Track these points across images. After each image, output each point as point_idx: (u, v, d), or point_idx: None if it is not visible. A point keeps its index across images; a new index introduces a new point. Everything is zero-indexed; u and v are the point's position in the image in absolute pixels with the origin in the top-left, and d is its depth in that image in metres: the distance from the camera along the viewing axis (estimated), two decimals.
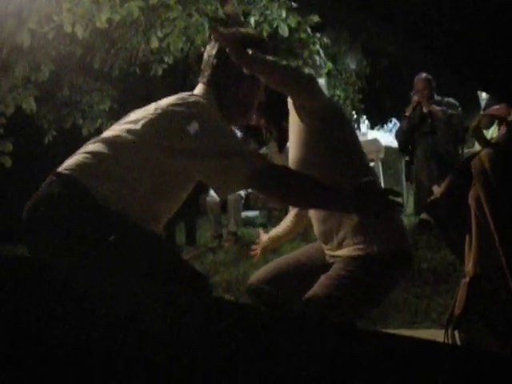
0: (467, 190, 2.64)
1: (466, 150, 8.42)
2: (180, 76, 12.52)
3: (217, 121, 3.07)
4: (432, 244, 7.24)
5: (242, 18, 8.81)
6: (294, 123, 3.45)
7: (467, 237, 2.63)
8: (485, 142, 2.70)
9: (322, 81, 12.95)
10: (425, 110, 8.29)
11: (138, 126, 2.99)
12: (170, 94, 3.21)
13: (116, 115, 10.02)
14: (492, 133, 6.75)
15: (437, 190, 7.64)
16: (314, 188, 3.03)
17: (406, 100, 8.86)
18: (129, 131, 2.99)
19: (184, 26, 8.60)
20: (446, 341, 2.64)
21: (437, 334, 2.82)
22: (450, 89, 8.30)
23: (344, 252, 3.36)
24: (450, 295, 5.85)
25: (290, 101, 3.45)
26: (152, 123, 2.99)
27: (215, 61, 3.26)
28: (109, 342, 1.48)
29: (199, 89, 3.28)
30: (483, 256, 2.55)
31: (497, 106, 2.94)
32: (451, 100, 8.32)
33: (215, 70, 3.26)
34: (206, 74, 3.28)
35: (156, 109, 3.06)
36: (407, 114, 8.50)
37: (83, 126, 9.90)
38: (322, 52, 11.91)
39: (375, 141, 9.64)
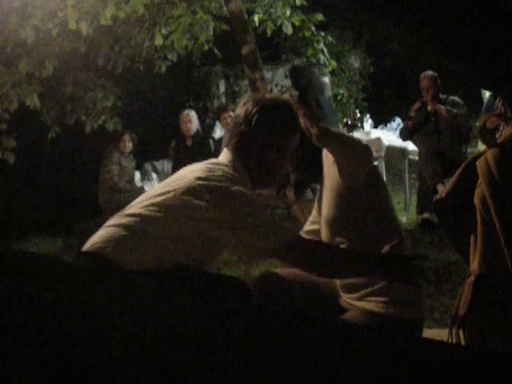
0: (473, 189, 2.64)
1: (469, 150, 8.42)
2: (184, 73, 12.54)
3: (244, 193, 3.06)
4: (434, 243, 7.23)
5: (246, 16, 8.80)
6: (332, 181, 3.45)
7: (472, 236, 2.63)
8: (490, 142, 2.70)
9: (326, 79, 12.95)
10: (429, 108, 8.29)
11: (167, 201, 3.01)
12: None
13: (119, 112, 10.05)
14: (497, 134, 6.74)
15: (441, 188, 7.67)
16: (342, 260, 3.08)
17: (410, 99, 8.87)
18: (156, 205, 3.02)
19: (188, 24, 8.61)
20: (450, 340, 2.64)
21: (440, 334, 2.83)
22: (455, 87, 8.31)
23: (365, 305, 3.38)
24: (452, 294, 5.85)
25: (328, 159, 3.47)
26: (179, 197, 3.00)
27: (243, 128, 3.23)
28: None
29: (225, 155, 3.27)
30: (488, 256, 2.55)
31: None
32: (456, 98, 8.30)
33: (243, 137, 3.23)
34: (233, 140, 3.26)
35: (183, 181, 3.05)
36: (412, 114, 8.50)
37: (86, 122, 9.89)
38: (325, 50, 11.90)
39: (378, 140, 9.60)
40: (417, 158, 8.83)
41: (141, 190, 10.53)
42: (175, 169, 9.97)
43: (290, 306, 3.37)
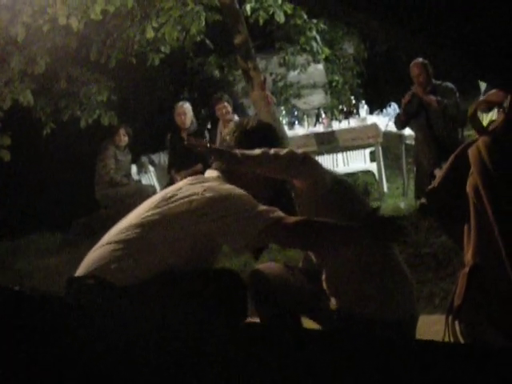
0: (465, 178, 2.61)
1: (466, 133, 8.38)
2: (177, 65, 12.50)
3: (231, 186, 3.23)
4: (433, 228, 7.20)
5: (238, 6, 8.77)
6: (300, 199, 3.48)
7: (466, 226, 2.61)
8: (482, 130, 2.67)
9: (320, 67, 12.92)
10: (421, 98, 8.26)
11: (158, 209, 3.17)
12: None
13: (114, 106, 10.01)
14: (491, 116, 6.70)
15: (438, 173, 7.65)
16: (330, 229, 3.17)
17: (406, 83, 8.82)
18: (149, 214, 3.17)
19: (179, 15, 8.56)
20: (446, 331, 2.62)
21: (440, 320, 2.80)
22: (449, 72, 8.25)
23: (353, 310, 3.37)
24: (452, 280, 5.82)
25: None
26: (172, 200, 3.16)
27: (236, 136, 3.47)
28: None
29: (210, 173, 3.44)
30: (482, 246, 2.53)
31: (493, 91, 2.90)
32: (449, 85, 8.27)
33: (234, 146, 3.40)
34: (218, 162, 3.43)
35: (175, 188, 3.27)
36: (403, 107, 8.49)
37: (81, 117, 9.86)
38: (318, 38, 11.91)
39: (374, 126, 9.58)
40: (414, 142, 8.82)
41: (138, 183, 10.54)
42: (171, 161, 9.99)
43: (283, 301, 3.34)
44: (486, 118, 7.17)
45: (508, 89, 2.42)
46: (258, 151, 3.16)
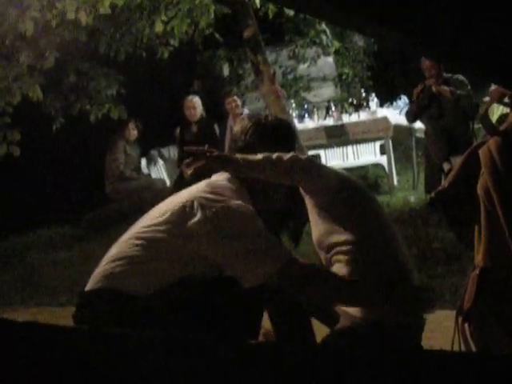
0: (475, 179, 2.59)
1: (476, 126, 8.35)
2: (187, 58, 12.47)
3: (241, 207, 3.03)
4: (443, 222, 7.17)
5: None
6: (309, 204, 3.40)
7: (476, 228, 2.59)
8: (493, 130, 2.64)
9: (330, 59, 12.88)
10: (433, 90, 8.22)
11: (163, 218, 3.01)
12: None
13: (123, 100, 10.00)
14: (502, 109, 6.67)
15: (447, 166, 7.64)
16: (338, 286, 3.08)
17: (416, 76, 8.79)
18: (154, 227, 3.02)
19: (188, 9, 8.53)
20: (455, 333, 2.60)
21: (449, 316, 2.78)
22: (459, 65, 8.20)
23: (357, 312, 3.29)
24: (462, 275, 5.80)
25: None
26: (175, 214, 3.00)
27: (240, 145, 3.30)
28: None
29: (222, 174, 3.24)
30: (493, 248, 2.51)
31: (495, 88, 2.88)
32: (461, 77, 8.23)
33: (246, 146, 3.27)
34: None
35: (181, 199, 3.06)
36: (415, 97, 8.45)
37: (91, 111, 9.86)
38: (328, 31, 11.86)
39: (384, 119, 9.56)
40: (424, 136, 8.79)
41: (147, 177, 10.55)
42: (181, 155, 9.99)
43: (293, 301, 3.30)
44: (497, 111, 7.15)
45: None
46: (259, 156, 3.05)
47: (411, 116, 8.70)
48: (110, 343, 1.57)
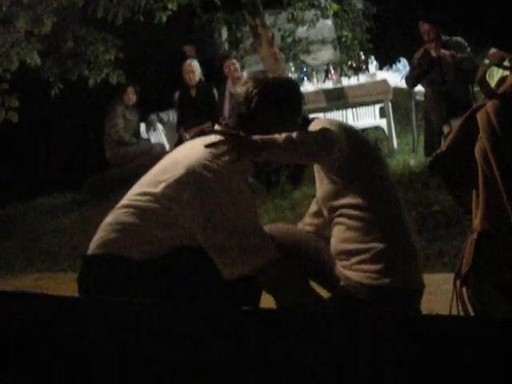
0: (473, 142, 2.59)
1: (476, 89, 8.31)
2: (185, 22, 12.40)
3: (234, 191, 3.00)
4: (443, 186, 7.17)
5: None
6: (317, 165, 3.36)
7: (474, 192, 2.59)
8: (491, 93, 2.64)
9: (329, 22, 12.80)
10: (433, 54, 8.17)
11: (159, 189, 2.98)
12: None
13: (122, 65, 9.96)
14: (503, 72, 6.65)
15: (447, 129, 7.62)
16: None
17: (415, 39, 8.74)
18: (150, 196, 3.00)
19: None
20: (453, 297, 2.61)
21: (449, 279, 2.79)
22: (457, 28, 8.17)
23: (357, 276, 3.28)
24: (462, 238, 5.81)
25: None
26: (171, 187, 2.97)
27: (243, 109, 3.17)
28: None
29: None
30: (491, 212, 2.51)
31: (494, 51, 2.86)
32: (459, 39, 8.18)
33: (242, 118, 3.17)
34: (232, 121, 3.21)
35: (177, 170, 3.01)
36: (415, 62, 8.41)
37: (89, 76, 9.81)
38: None
39: (384, 81, 9.52)
40: (423, 98, 8.76)
41: (147, 142, 10.55)
42: (180, 119, 9.99)
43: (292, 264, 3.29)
44: (497, 74, 7.12)
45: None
46: (280, 137, 2.95)
47: (411, 81, 8.67)
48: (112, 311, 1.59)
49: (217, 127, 3.21)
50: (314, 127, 3.26)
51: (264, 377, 1.46)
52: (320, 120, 3.43)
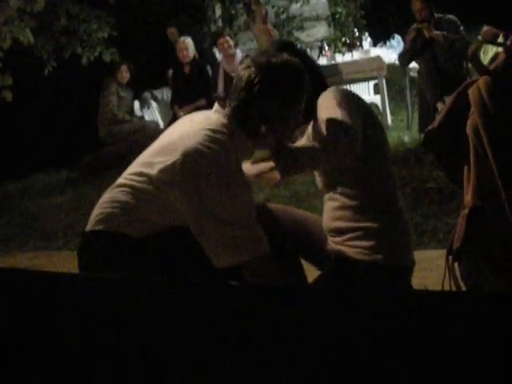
0: (465, 118, 2.59)
1: (470, 65, 8.29)
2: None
3: (230, 182, 2.93)
4: (436, 161, 7.17)
5: None
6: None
7: (466, 168, 2.59)
8: (482, 69, 2.64)
9: None
10: (426, 35, 8.13)
11: (154, 172, 2.95)
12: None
13: (115, 42, 9.93)
14: (497, 49, 6.62)
15: (441, 106, 7.61)
16: None
17: (409, 16, 8.71)
18: (146, 177, 2.98)
19: None
20: (445, 272, 2.63)
21: (443, 255, 2.80)
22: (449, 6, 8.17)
23: (349, 251, 3.29)
24: (456, 215, 5.81)
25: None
26: (165, 171, 2.93)
27: (243, 95, 3.03)
28: None
29: (221, 117, 3.09)
30: (482, 187, 2.52)
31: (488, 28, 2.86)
32: (452, 17, 8.15)
33: (242, 103, 3.03)
34: (232, 104, 3.06)
35: (171, 155, 2.95)
36: (408, 44, 8.39)
37: (83, 54, 9.78)
38: None
39: (378, 58, 9.51)
40: (418, 75, 8.76)
41: (141, 120, 10.54)
42: (174, 96, 9.98)
43: (280, 241, 3.29)
44: (491, 51, 7.11)
45: (505, 27, 2.39)
46: (315, 146, 2.97)
47: (405, 60, 8.65)
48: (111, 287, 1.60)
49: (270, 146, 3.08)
50: (331, 108, 3.15)
51: (253, 354, 1.48)
52: (334, 94, 3.27)
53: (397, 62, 9.12)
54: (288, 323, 1.52)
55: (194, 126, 3.07)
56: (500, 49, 5.13)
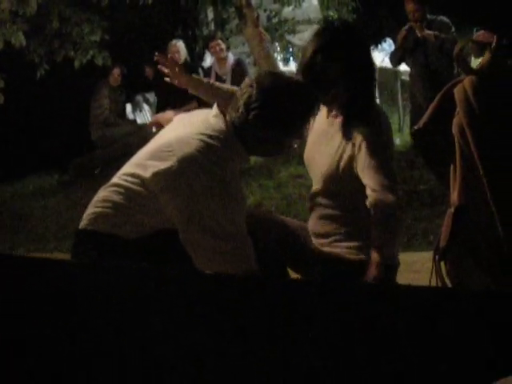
0: (451, 118, 2.61)
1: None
2: (171, 2, 12.37)
3: (225, 191, 2.90)
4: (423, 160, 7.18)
5: None
6: (336, 145, 3.27)
7: (452, 167, 2.61)
8: (468, 69, 2.66)
9: (314, 2, 12.78)
10: (418, 34, 8.16)
11: (147, 174, 2.91)
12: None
13: (107, 46, 9.93)
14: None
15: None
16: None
17: (401, 19, 8.73)
18: (138, 179, 2.94)
19: None
20: (432, 271, 2.64)
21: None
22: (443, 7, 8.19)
23: (336, 252, 3.29)
24: None
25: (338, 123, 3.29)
26: (159, 174, 2.89)
27: (242, 111, 2.97)
28: None
29: (220, 123, 3.03)
30: (467, 186, 2.53)
31: (481, 32, 2.87)
32: (444, 19, 8.17)
33: (240, 120, 2.99)
34: (232, 115, 3.02)
35: (166, 159, 2.91)
36: (399, 42, 8.40)
37: (75, 58, 9.78)
38: None
39: None
40: (409, 78, 8.78)
41: (133, 123, 10.54)
42: (163, 100, 9.96)
43: (268, 245, 3.28)
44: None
45: (493, 29, 2.41)
46: (387, 233, 3.06)
47: (395, 60, 8.66)
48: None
49: None
50: (380, 155, 3.13)
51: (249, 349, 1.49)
52: (382, 138, 3.22)
53: (388, 65, 9.14)
54: (281, 319, 1.53)
55: (192, 129, 3.02)
56: None
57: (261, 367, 1.51)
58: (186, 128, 3.08)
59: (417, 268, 4.36)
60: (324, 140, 3.38)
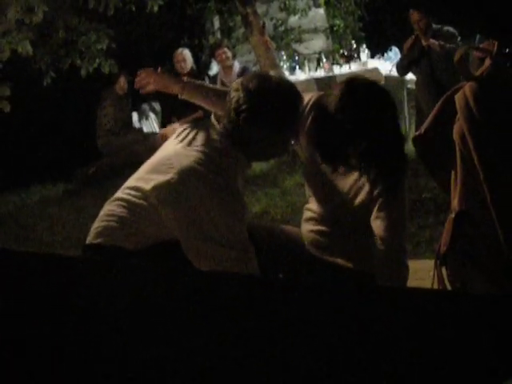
0: (452, 124, 2.61)
1: None
2: (177, 11, 12.42)
3: (229, 200, 2.93)
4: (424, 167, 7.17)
5: None
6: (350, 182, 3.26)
7: (452, 173, 2.61)
8: (468, 76, 2.66)
9: (321, 11, 12.80)
10: (423, 44, 8.18)
11: (149, 187, 2.94)
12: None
13: (114, 54, 9.96)
14: None
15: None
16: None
17: (407, 28, 8.75)
18: (141, 193, 2.98)
19: None
20: (433, 276, 2.64)
21: None
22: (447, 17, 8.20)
23: (331, 260, 3.31)
24: None
25: None
26: (159, 188, 2.93)
27: (233, 116, 3.01)
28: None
29: (216, 130, 3.09)
30: (468, 192, 2.54)
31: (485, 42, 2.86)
32: (450, 29, 8.19)
33: (231, 124, 3.03)
34: (225, 121, 3.07)
35: (166, 172, 2.95)
36: (405, 52, 8.43)
37: (82, 66, 9.81)
38: None
39: (376, 70, 9.52)
40: (415, 87, 8.80)
41: (139, 131, 10.55)
42: (168, 109, 9.98)
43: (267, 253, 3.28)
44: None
45: (493, 35, 2.42)
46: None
47: (401, 69, 8.70)
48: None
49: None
50: None
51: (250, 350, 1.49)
52: None
53: (394, 72, 9.15)
54: (281, 321, 1.53)
55: (189, 143, 3.07)
56: None
57: (261, 368, 1.51)
58: (184, 141, 3.12)
59: (421, 276, 4.33)
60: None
